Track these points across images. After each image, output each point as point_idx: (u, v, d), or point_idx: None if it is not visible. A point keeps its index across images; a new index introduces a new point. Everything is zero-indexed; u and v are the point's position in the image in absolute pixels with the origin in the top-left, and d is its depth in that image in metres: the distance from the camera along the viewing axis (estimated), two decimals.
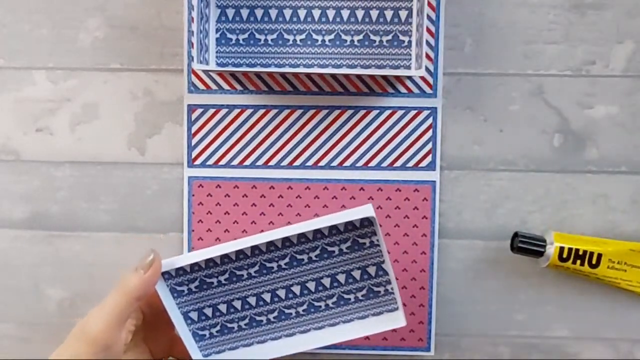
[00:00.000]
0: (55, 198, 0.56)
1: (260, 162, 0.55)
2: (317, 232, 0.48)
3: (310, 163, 0.55)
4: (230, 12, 0.54)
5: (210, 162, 0.55)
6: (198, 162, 0.55)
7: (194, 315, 0.50)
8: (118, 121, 0.55)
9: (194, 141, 0.55)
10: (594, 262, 0.52)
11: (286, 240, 0.48)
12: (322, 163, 0.55)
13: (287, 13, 0.54)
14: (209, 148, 0.55)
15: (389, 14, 0.54)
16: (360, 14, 0.54)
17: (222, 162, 0.55)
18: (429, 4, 0.53)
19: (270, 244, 0.48)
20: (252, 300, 0.50)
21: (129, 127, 0.55)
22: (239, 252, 0.48)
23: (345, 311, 0.50)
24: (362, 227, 0.48)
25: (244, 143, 0.55)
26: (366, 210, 0.46)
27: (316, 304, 0.50)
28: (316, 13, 0.54)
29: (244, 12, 0.54)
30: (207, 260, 0.48)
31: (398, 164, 0.55)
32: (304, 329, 0.51)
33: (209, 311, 0.50)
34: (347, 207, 0.54)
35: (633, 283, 0.53)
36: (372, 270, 0.50)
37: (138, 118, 0.55)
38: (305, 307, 0.50)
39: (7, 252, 0.56)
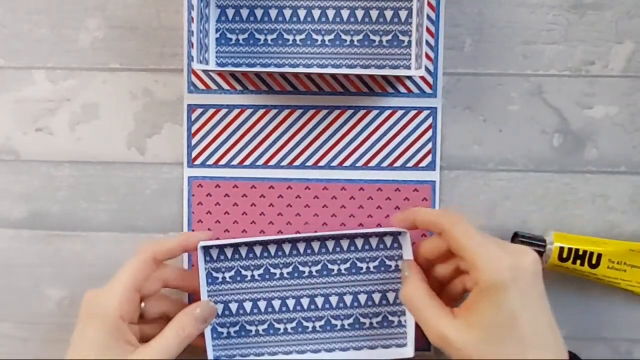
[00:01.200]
0: (55, 198, 0.56)
1: (260, 162, 0.55)
2: (352, 244, 0.51)
3: (310, 163, 0.55)
4: (230, 12, 0.54)
5: (210, 162, 0.55)
6: (198, 162, 0.55)
7: (219, 308, 0.51)
8: (118, 121, 0.55)
9: (193, 141, 0.55)
10: (593, 262, 0.52)
11: (323, 247, 0.51)
12: (321, 163, 0.55)
13: (287, 13, 0.54)
14: (209, 148, 0.55)
15: (388, 14, 0.54)
16: (360, 13, 0.54)
17: (222, 162, 0.55)
18: (429, 4, 0.53)
19: (308, 246, 0.51)
20: (277, 304, 0.51)
21: (129, 127, 0.55)
22: (279, 249, 0.51)
23: (357, 336, 0.52)
24: (392, 248, 0.50)
25: (243, 143, 0.55)
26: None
27: (333, 321, 0.52)
28: (316, 13, 0.54)
29: (244, 12, 0.54)
30: (248, 250, 0.50)
31: (398, 164, 0.55)
32: (316, 349, 0.52)
33: (234, 307, 0.51)
34: (347, 207, 0.54)
35: (633, 283, 0.53)
36: (391, 296, 0.51)
37: (138, 118, 0.55)
38: (322, 322, 0.52)
39: (7, 251, 0.56)
